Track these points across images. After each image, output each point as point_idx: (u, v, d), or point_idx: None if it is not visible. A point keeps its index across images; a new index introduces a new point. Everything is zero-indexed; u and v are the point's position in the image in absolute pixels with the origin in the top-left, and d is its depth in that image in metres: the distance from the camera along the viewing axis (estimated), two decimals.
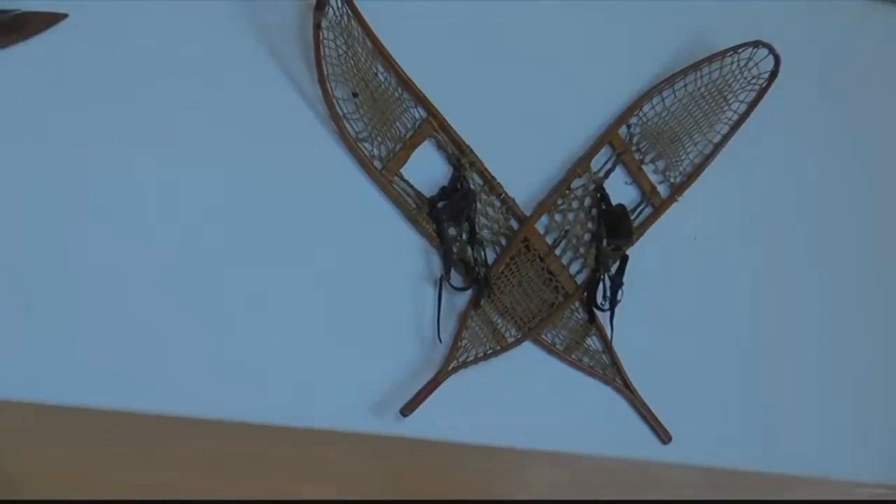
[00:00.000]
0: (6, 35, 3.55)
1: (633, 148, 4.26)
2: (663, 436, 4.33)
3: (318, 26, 3.53)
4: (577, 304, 4.23)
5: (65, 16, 3.62)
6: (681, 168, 4.31)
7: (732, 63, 4.28)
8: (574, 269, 4.16)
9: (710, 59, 4.25)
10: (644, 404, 4.31)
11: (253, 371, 3.98)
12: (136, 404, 3.91)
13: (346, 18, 3.66)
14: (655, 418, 4.32)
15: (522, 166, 4.17)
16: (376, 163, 3.90)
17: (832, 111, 4.70)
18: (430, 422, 4.07)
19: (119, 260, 3.65)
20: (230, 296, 3.83)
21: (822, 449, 4.78)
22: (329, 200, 3.94)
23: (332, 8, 3.58)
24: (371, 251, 4.03)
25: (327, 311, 4.00)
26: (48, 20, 3.60)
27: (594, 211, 4.20)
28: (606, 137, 4.17)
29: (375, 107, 3.86)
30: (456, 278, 3.91)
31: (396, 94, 3.87)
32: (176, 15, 3.72)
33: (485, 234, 4.04)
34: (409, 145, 3.92)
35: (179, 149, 3.72)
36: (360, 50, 3.75)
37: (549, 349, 4.14)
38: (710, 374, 4.57)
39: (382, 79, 3.84)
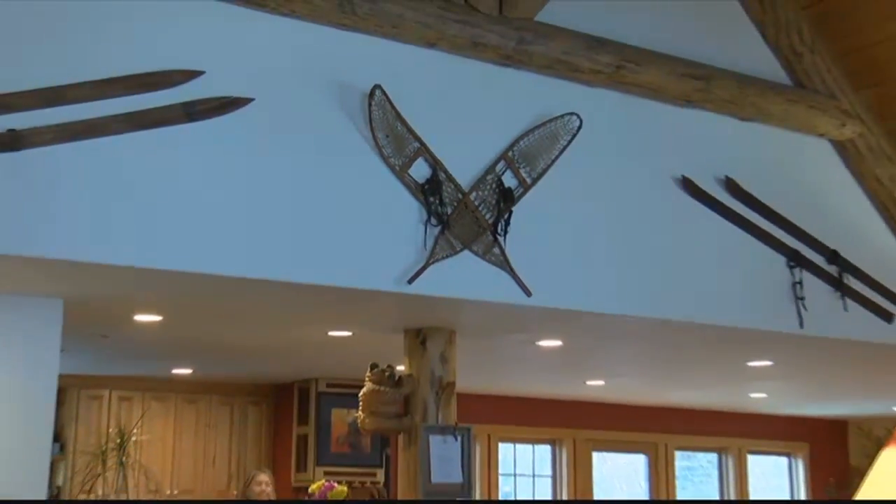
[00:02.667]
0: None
1: (515, 161, 7.61)
2: (526, 291, 7.49)
3: (369, 101, 6.87)
4: (488, 232, 7.36)
5: (251, 100, 6.47)
6: (536, 171, 7.67)
7: (561, 122, 7.67)
8: (488, 217, 7.39)
9: (553, 119, 7.63)
10: (519, 278, 7.45)
11: (327, 258, 6.91)
12: (247, 272, 6.78)
13: (384, 100, 6.93)
14: (523, 283, 7.48)
15: (467, 170, 7.43)
16: (397, 168, 7.11)
17: (605, 147, 8.09)
18: (422, 287, 7.13)
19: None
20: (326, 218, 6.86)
21: (624, 290, 8.04)
22: (376, 188, 7.08)
23: (376, 96, 6.85)
24: (395, 209, 7.14)
25: (374, 231, 7.04)
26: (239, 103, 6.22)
27: (497, 189, 7.48)
28: (503, 156, 7.58)
29: (396, 142, 7.08)
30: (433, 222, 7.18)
31: (404, 135, 7.10)
32: (301, 103, 6.93)
33: (447, 201, 7.25)
34: (412, 159, 7.17)
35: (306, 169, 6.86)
36: (390, 116, 7.00)
37: (474, 253, 7.34)
38: (557, 257, 7.67)
39: (399, 128, 7.07)
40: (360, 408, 8.82)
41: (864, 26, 8.71)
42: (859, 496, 2.75)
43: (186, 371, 12.15)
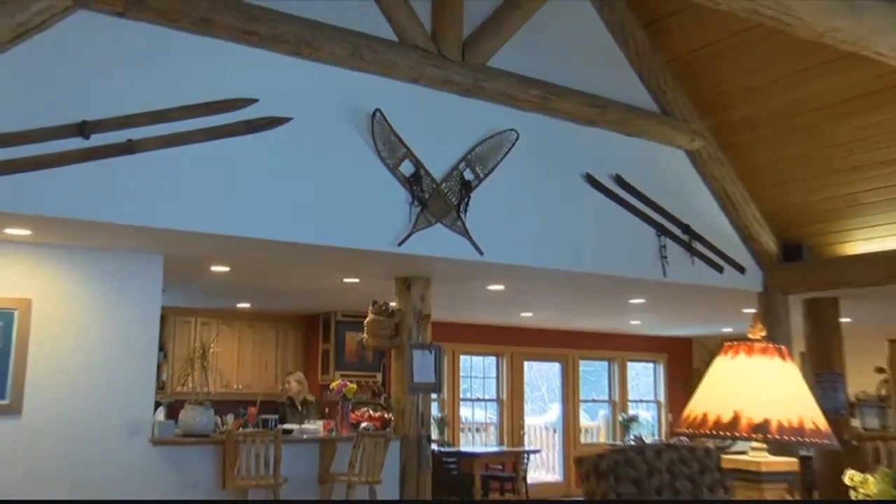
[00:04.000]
0: None
1: (472, 161, 7.60)
2: (479, 251, 7.56)
3: (372, 120, 6.94)
4: (454, 211, 7.41)
5: (290, 119, 6.72)
6: (486, 169, 7.64)
7: (504, 135, 7.65)
8: (454, 200, 7.44)
9: (499, 133, 7.62)
10: (474, 242, 7.51)
11: (343, 228, 7.01)
12: (288, 237, 6.91)
13: (382, 119, 6.99)
14: (477, 246, 7.53)
15: (439, 168, 7.43)
16: (391, 166, 7.14)
17: (534, 153, 8.04)
18: (408, 248, 7.19)
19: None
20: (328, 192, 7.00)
21: (546, 250, 8.07)
22: (376, 180, 7.12)
23: (377, 116, 6.94)
24: (390, 194, 7.17)
25: (375, 209, 7.09)
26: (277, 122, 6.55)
27: (460, 181, 7.51)
28: (464, 158, 7.55)
29: (390, 148, 7.13)
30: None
31: (396, 144, 7.14)
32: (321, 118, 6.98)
33: (425, 189, 7.30)
34: (401, 160, 7.20)
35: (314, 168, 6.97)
36: (386, 131, 7.06)
37: (444, 225, 7.38)
38: (501, 228, 7.70)
39: (392, 138, 7.12)
40: (365, 331, 8.85)
41: (707, 74, 8.70)
42: (697, 390, 2.71)
43: (246, 305, 12.26)
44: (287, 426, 8.68)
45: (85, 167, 5.86)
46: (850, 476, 2.75)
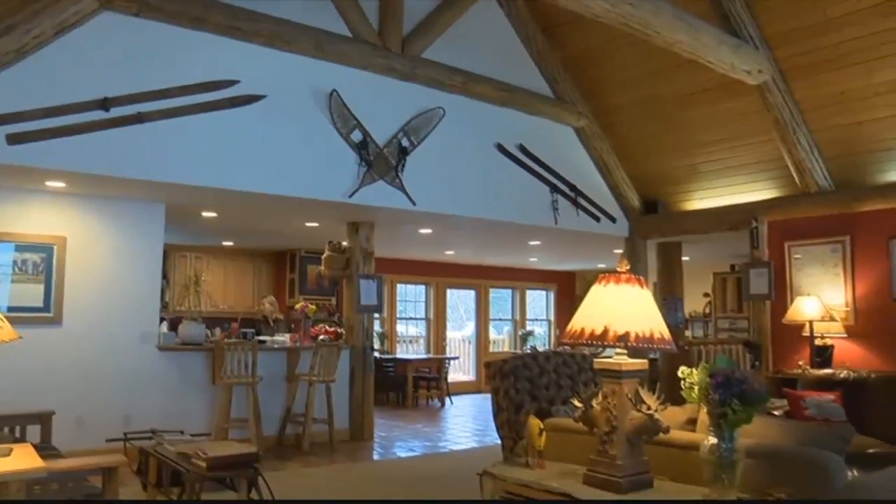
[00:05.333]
0: None
1: (409, 132, 7.56)
2: (412, 202, 7.56)
3: (330, 98, 6.90)
4: (393, 171, 7.39)
5: (264, 96, 6.69)
6: (419, 138, 7.61)
7: (434, 112, 7.61)
8: (393, 162, 7.40)
9: (430, 110, 7.59)
10: (409, 195, 7.52)
11: (307, 182, 7.02)
12: (263, 189, 6.85)
13: (338, 97, 6.95)
14: (411, 197, 7.53)
15: (382, 136, 7.38)
16: (344, 134, 7.09)
17: (457, 126, 8.03)
18: (357, 199, 7.19)
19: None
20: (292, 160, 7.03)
21: (464, 202, 8.10)
22: (333, 145, 7.08)
23: (334, 95, 6.90)
24: (343, 157, 7.14)
25: (331, 168, 7.07)
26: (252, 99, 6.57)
27: (398, 147, 7.47)
28: (402, 129, 7.50)
29: (343, 120, 7.08)
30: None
31: (348, 116, 7.10)
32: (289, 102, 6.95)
33: (371, 153, 7.27)
34: (352, 130, 7.14)
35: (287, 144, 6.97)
36: (340, 106, 7.02)
37: (386, 182, 7.37)
38: (429, 184, 7.71)
39: (345, 112, 7.07)
40: (323, 264, 8.81)
41: (591, 69, 8.73)
42: (578, 311, 2.78)
43: (230, 243, 12.05)
44: (262, 338, 8.69)
45: (106, 134, 5.89)
46: (682, 370, 2.84)
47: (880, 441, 5.02)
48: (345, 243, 8.75)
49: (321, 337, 8.42)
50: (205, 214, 8.54)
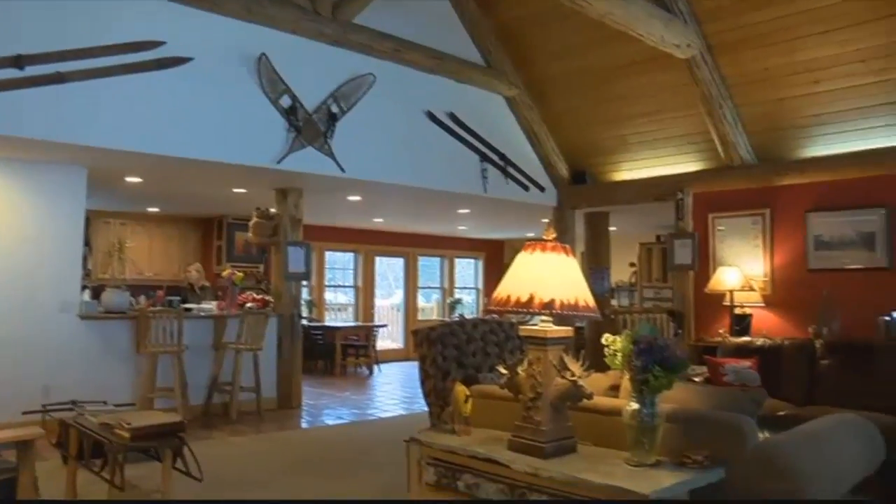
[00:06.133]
0: None
1: (338, 98, 7.47)
2: (341, 169, 7.50)
3: (258, 62, 6.77)
4: (323, 137, 7.32)
5: (191, 59, 6.53)
6: (349, 104, 7.54)
7: (364, 78, 7.53)
8: (322, 128, 7.33)
9: (360, 76, 7.51)
10: (338, 162, 7.44)
11: (235, 147, 6.91)
12: (190, 154, 6.72)
13: (266, 61, 6.83)
14: (340, 164, 7.46)
15: (312, 102, 7.28)
16: (272, 99, 6.98)
17: (387, 91, 7.96)
18: (285, 165, 7.11)
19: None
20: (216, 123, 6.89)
21: (394, 169, 8.08)
22: (262, 110, 6.96)
23: (262, 59, 6.76)
24: (272, 123, 7.03)
25: (259, 134, 6.96)
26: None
27: (328, 113, 7.38)
28: (331, 95, 7.41)
29: (272, 85, 6.96)
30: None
31: (277, 81, 6.98)
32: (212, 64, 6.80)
33: (300, 119, 7.17)
34: (281, 94, 7.03)
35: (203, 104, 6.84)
36: (269, 71, 6.90)
37: (315, 148, 7.29)
38: (358, 151, 7.64)
39: (274, 77, 6.96)
40: (250, 231, 8.73)
41: (523, 39, 8.72)
42: (504, 278, 2.80)
43: (156, 209, 11.74)
44: (188, 306, 8.59)
45: (22, 94, 5.63)
46: (605, 338, 2.89)
47: (791, 404, 5.34)
48: (273, 210, 8.67)
49: (248, 305, 8.34)
50: (129, 179, 8.34)
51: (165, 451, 4.11)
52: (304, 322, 10.61)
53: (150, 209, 11.75)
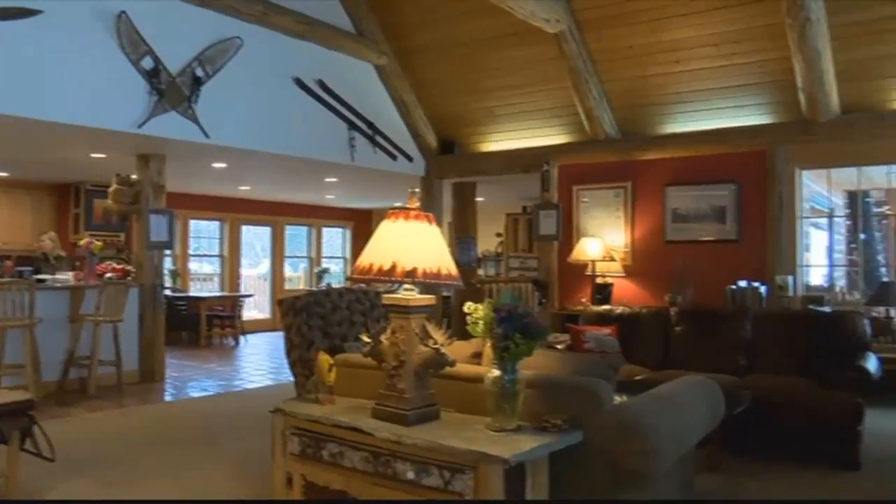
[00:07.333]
0: None
1: (203, 62, 7.22)
2: (206, 135, 7.28)
3: (118, 20, 6.45)
4: (187, 101, 7.07)
5: (41, 11, 6.16)
6: (214, 68, 7.30)
7: (231, 42, 7.31)
8: (187, 93, 7.07)
9: (227, 39, 7.31)
10: (202, 127, 7.22)
11: (96, 111, 6.61)
12: (46, 116, 6.40)
13: (127, 20, 6.51)
14: (204, 130, 7.25)
15: (176, 65, 6.99)
16: (133, 60, 6.68)
17: (255, 57, 7.77)
18: (147, 129, 6.85)
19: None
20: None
21: (258, 136, 7.94)
22: (122, 72, 6.65)
23: (122, 17, 6.45)
24: (133, 85, 6.73)
25: (119, 96, 6.66)
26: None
27: (192, 77, 7.12)
28: (196, 58, 7.16)
29: (132, 45, 6.66)
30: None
31: (138, 41, 6.68)
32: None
33: (163, 82, 6.91)
34: (143, 55, 6.73)
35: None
36: (130, 30, 6.60)
37: (179, 113, 7.03)
38: (224, 116, 7.46)
39: (135, 37, 6.65)
40: (110, 198, 8.41)
41: (393, 7, 8.69)
42: (367, 246, 2.80)
43: (5, 174, 11.03)
44: (41, 276, 8.19)
45: None
46: (467, 306, 2.93)
47: (647, 368, 5.62)
48: (134, 176, 8.35)
49: (108, 275, 8.02)
50: None
51: (12, 431, 3.86)
52: (168, 293, 10.29)
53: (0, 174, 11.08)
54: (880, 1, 6.34)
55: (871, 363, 5.12)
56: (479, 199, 11.13)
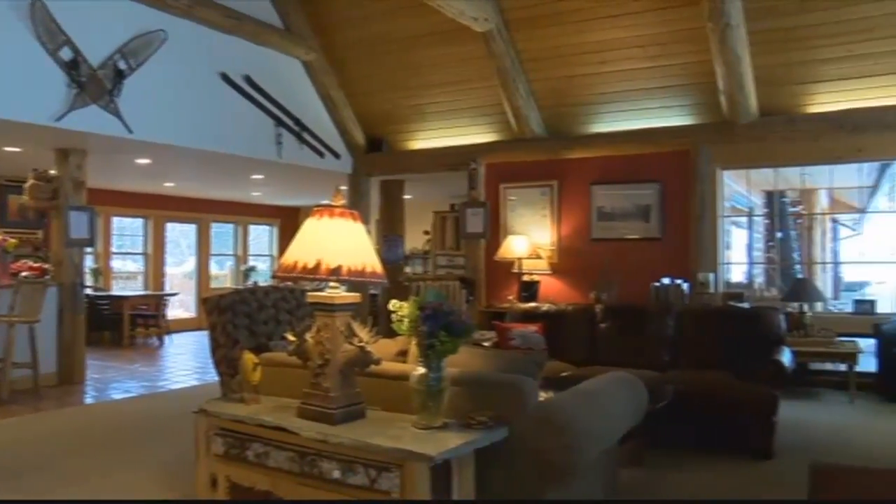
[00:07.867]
0: None
1: (126, 54, 7.05)
2: (129, 130, 7.13)
3: (32, 7, 6.22)
4: (108, 94, 6.88)
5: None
6: (138, 61, 7.13)
7: (155, 34, 7.14)
8: (108, 86, 6.90)
9: (151, 32, 7.13)
10: (125, 122, 7.07)
11: (11, 103, 6.36)
12: None
13: (42, 7, 6.29)
14: (127, 125, 7.09)
15: (97, 57, 6.80)
16: (50, 50, 6.45)
17: (181, 51, 7.63)
18: (66, 124, 6.65)
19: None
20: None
21: (185, 132, 7.78)
22: (40, 63, 6.41)
23: (37, 5, 6.22)
24: (51, 77, 6.51)
25: (35, 88, 6.43)
26: None
27: (115, 70, 6.94)
28: (118, 50, 6.99)
29: (49, 35, 6.43)
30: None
31: (56, 31, 6.46)
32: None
33: (84, 74, 6.71)
34: (61, 45, 6.51)
35: None
36: (46, 19, 6.35)
37: (100, 106, 6.85)
38: (148, 111, 7.28)
39: (52, 25, 6.42)
40: (27, 194, 8.16)
41: (322, 4, 8.65)
42: (291, 244, 2.78)
43: None
44: None
45: None
46: (392, 304, 2.94)
47: (573, 364, 5.69)
48: (52, 171, 8.09)
49: (24, 274, 7.73)
50: None
51: None
52: (89, 292, 10.04)
53: None
54: (795, 10, 6.59)
55: (786, 357, 5.29)
56: (406, 196, 11.14)
